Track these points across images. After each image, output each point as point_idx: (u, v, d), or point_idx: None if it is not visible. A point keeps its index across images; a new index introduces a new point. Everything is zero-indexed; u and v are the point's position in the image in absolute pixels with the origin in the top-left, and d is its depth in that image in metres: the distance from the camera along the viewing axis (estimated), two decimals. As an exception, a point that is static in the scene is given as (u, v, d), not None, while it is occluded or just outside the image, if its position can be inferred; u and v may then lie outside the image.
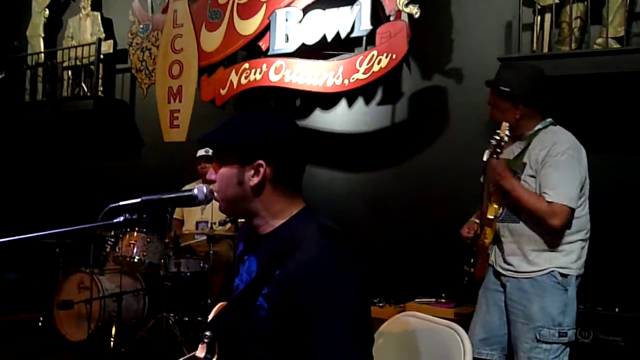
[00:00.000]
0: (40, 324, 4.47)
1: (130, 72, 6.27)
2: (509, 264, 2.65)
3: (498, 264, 2.72)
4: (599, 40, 3.94)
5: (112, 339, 3.87)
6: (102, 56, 6.27)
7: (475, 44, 4.54)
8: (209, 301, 4.36)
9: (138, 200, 1.45)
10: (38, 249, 5.43)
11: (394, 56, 4.48)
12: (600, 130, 4.02)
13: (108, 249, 4.31)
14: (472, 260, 2.89)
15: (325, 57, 4.92)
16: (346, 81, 4.70)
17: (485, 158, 2.74)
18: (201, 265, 4.42)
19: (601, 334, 3.58)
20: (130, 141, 6.36)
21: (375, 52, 4.56)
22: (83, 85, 6.47)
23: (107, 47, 6.32)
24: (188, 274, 4.40)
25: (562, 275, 2.56)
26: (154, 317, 4.34)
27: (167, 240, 4.34)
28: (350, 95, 4.96)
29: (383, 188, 4.82)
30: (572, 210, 2.54)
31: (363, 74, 4.61)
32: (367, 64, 4.59)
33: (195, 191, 1.51)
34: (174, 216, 5.04)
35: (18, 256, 5.79)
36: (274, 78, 5.01)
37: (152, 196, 1.47)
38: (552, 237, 2.58)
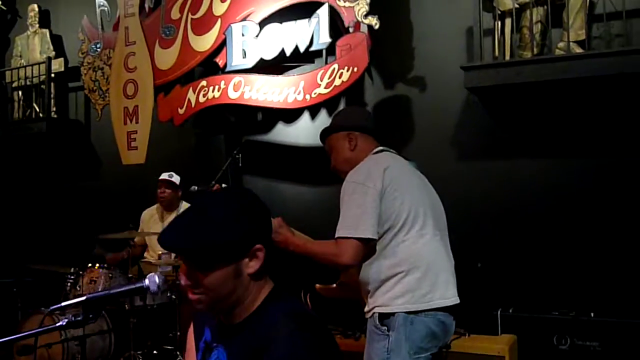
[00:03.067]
0: (0, 368, 4.23)
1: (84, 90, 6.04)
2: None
3: None
4: (561, 44, 3.90)
5: (77, 382, 3.69)
6: (53, 75, 6.02)
7: (437, 51, 4.46)
8: (179, 333, 4.21)
9: (82, 298, 1.30)
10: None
11: (355, 69, 4.37)
12: (562, 136, 4.01)
13: (69, 287, 4.10)
14: None
15: (286, 70, 4.79)
16: (308, 96, 4.57)
17: None
18: (168, 295, 4.26)
19: (578, 340, 3.58)
20: (88, 163, 6.13)
21: (336, 66, 4.44)
22: (35, 106, 6.21)
23: (57, 65, 6.07)
24: (155, 306, 4.23)
25: (381, 316, 2.25)
26: (122, 355, 4.16)
27: (130, 275, 4.17)
28: (313, 108, 4.83)
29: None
30: (362, 240, 2.21)
31: (325, 88, 4.48)
32: (329, 78, 4.46)
33: (147, 282, 1.36)
34: (135, 241, 4.88)
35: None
36: (233, 95, 4.84)
37: (97, 293, 1.32)
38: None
